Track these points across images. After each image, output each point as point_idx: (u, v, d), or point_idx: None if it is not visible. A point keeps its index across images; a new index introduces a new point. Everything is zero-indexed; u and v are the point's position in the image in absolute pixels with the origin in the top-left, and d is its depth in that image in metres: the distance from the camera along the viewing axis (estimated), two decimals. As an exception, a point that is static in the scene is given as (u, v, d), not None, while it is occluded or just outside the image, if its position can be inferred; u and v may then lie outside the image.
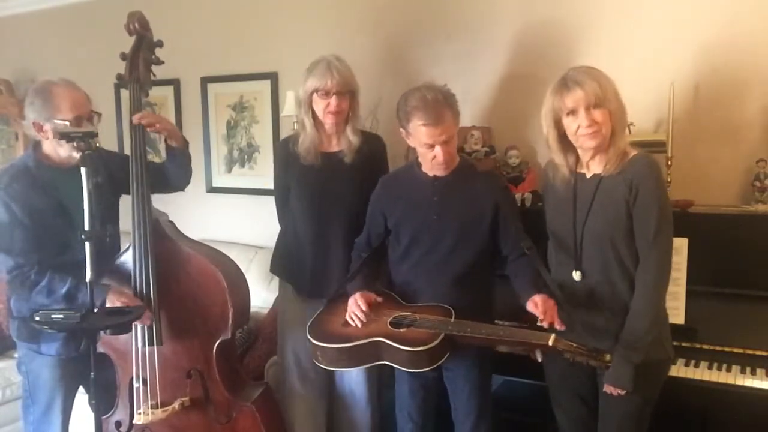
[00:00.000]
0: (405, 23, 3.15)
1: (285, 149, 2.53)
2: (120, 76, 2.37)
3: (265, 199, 2.74)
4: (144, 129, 2.30)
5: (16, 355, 2.47)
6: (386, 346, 2.00)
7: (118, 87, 3.92)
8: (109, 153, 2.46)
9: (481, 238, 2.13)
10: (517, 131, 2.89)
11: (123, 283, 2.25)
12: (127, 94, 2.35)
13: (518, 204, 2.54)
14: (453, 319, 2.01)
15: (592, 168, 1.97)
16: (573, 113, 1.88)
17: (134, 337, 2.25)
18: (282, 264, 2.63)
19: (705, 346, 2.21)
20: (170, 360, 2.30)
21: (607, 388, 1.92)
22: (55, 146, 2.20)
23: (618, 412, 1.96)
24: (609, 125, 1.87)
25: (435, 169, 2.14)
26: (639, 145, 2.00)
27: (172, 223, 2.40)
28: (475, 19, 2.97)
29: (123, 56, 2.35)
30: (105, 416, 2.33)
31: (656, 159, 1.97)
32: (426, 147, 2.08)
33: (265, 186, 2.71)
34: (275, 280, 2.74)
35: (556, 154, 1.99)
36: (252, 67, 3.61)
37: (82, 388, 2.40)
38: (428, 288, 2.14)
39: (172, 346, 2.30)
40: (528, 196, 2.65)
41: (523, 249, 2.06)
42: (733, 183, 2.51)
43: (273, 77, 3.55)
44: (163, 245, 2.29)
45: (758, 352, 2.15)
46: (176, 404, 2.28)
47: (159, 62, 2.42)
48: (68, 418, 2.37)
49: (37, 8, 4.42)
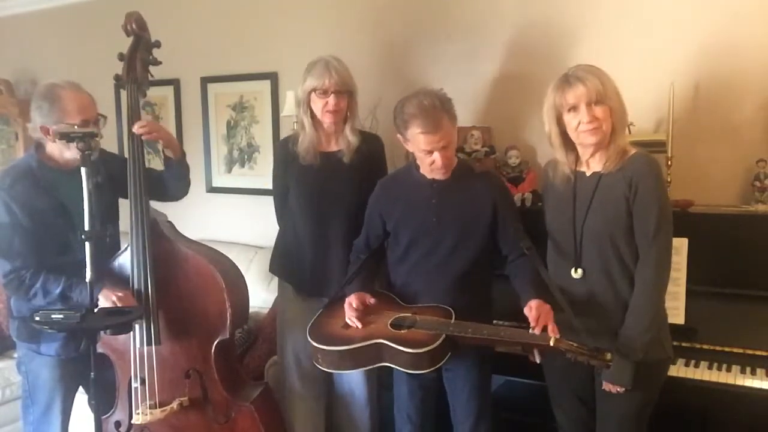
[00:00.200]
0: (405, 23, 3.15)
1: (285, 149, 2.53)
2: (118, 77, 2.37)
3: (265, 199, 2.74)
4: None
5: (16, 355, 2.47)
6: (387, 347, 2.00)
7: (117, 87, 3.92)
8: (110, 155, 2.47)
9: (481, 239, 2.13)
10: (517, 131, 2.89)
11: (121, 283, 2.25)
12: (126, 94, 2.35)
13: (518, 204, 2.54)
14: (453, 320, 2.00)
15: (592, 166, 1.97)
16: (574, 109, 1.88)
17: (133, 337, 2.25)
18: (281, 264, 2.62)
19: (705, 346, 2.21)
20: (169, 360, 2.31)
21: (607, 386, 1.91)
22: (61, 148, 2.20)
23: (617, 412, 1.96)
24: (609, 122, 1.87)
25: (434, 173, 2.13)
26: (639, 145, 2.00)
27: (170, 223, 2.41)
28: (475, 19, 2.97)
29: (121, 57, 2.35)
30: (104, 416, 2.33)
31: (656, 158, 1.97)
32: (424, 153, 2.07)
33: (265, 186, 2.72)
34: (275, 280, 2.74)
35: (558, 150, 1.99)
36: (252, 67, 3.61)
37: (81, 388, 2.40)
38: (428, 289, 2.14)
39: (170, 346, 2.30)
40: (528, 196, 2.65)
41: (522, 249, 2.06)
42: (733, 183, 2.51)
43: (273, 77, 3.55)
44: (161, 245, 2.29)
45: (758, 352, 2.14)
46: (175, 404, 2.28)
47: (157, 63, 2.41)
48: (68, 418, 2.37)
49: (37, 8, 4.42)
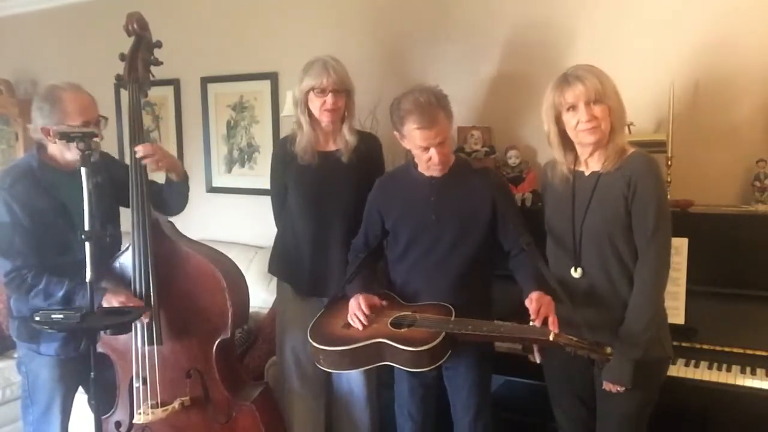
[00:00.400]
0: (405, 23, 3.15)
1: (283, 149, 2.53)
2: (119, 77, 2.38)
3: (265, 199, 2.74)
4: (143, 131, 2.31)
5: (16, 355, 2.47)
6: (388, 347, 2.00)
7: (117, 87, 3.92)
8: (112, 159, 2.48)
9: (480, 236, 2.13)
10: (517, 131, 2.89)
11: (122, 282, 2.25)
12: (127, 95, 2.35)
13: (518, 204, 2.54)
14: (453, 318, 2.01)
15: (591, 165, 1.97)
16: (573, 108, 1.89)
17: (134, 336, 2.25)
18: (280, 264, 2.62)
19: (705, 346, 2.21)
20: (170, 359, 2.31)
21: (606, 385, 1.91)
22: (62, 149, 2.20)
23: (617, 412, 1.96)
24: (608, 121, 1.88)
25: (431, 170, 2.14)
26: (639, 145, 2.00)
27: (171, 223, 2.41)
28: (475, 19, 2.97)
29: (122, 57, 2.36)
30: (105, 416, 2.33)
31: (655, 158, 1.97)
32: (421, 150, 2.08)
33: (265, 186, 2.72)
34: (275, 280, 2.74)
35: (557, 150, 1.99)
36: (252, 67, 3.61)
37: (81, 388, 2.40)
38: (428, 287, 2.14)
39: (171, 345, 2.31)
40: (528, 196, 2.66)
41: (522, 245, 2.06)
42: (733, 183, 2.51)
43: (273, 77, 3.55)
44: (163, 245, 2.29)
45: (758, 352, 2.14)
46: (176, 404, 2.28)
47: (158, 63, 2.42)
48: (68, 418, 2.37)
49: (37, 8, 4.42)
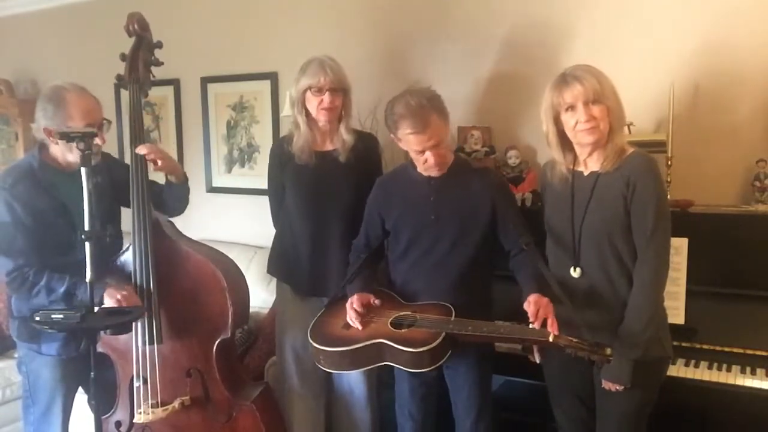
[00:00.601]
0: (405, 23, 3.15)
1: (280, 149, 2.54)
2: (120, 77, 2.38)
3: (265, 199, 2.75)
4: (144, 131, 2.31)
5: (16, 355, 2.48)
6: (388, 347, 2.00)
7: (118, 87, 3.92)
8: (114, 160, 2.49)
9: (480, 236, 2.13)
10: (517, 131, 2.89)
11: (123, 282, 2.25)
12: (127, 95, 2.35)
13: (518, 204, 2.54)
14: (453, 318, 2.01)
15: (590, 165, 1.98)
16: (572, 108, 1.89)
17: (134, 336, 2.26)
18: (279, 264, 2.62)
19: (705, 346, 2.21)
20: (170, 359, 2.31)
21: (606, 384, 1.92)
22: (64, 151, 2.21)
23: (617, 411, 1.96)
24: (607, 121, 1.88)
25: (429, 171, 2.14)
26: (639, 145, 2.00)
27: (171, 222, 2.42)
28: (475, 19, 2.97)
29: (123, 57, 2.36)
30: (105, 416, 2.33)
31: (655, 158, 1.97)
32: (417, 153, 2.08)
33: (265, 186, 2.72)
34: (274, 281, 2.74)
35: (556, 150, 1.99)
36: (252, 67, 3.61)
37: (81, 388, 2.40)
38: (428, 287, 2.14)
39: (171, 345, 2.31)
40: (528, 196, 2.65)
41: (522, 245, 2.07)
42: (733, 183, 2.51)
43: (273, 77, 3.55)
44: (163, 245, 2.29)
45: (758, 352, 2.14)
46: (176, 403, 2.28)
47: (158, 63, 2.42)
48: (68, 418, 2.37)
49: (37, 8, 4.42)
